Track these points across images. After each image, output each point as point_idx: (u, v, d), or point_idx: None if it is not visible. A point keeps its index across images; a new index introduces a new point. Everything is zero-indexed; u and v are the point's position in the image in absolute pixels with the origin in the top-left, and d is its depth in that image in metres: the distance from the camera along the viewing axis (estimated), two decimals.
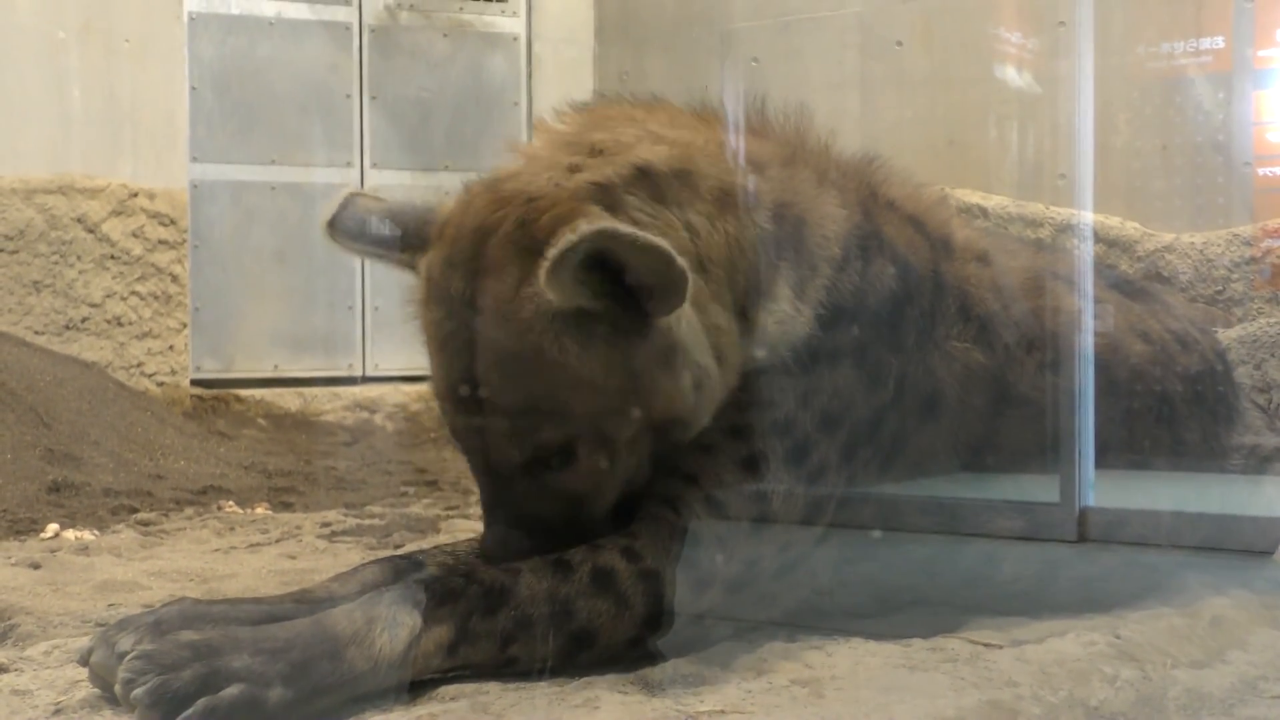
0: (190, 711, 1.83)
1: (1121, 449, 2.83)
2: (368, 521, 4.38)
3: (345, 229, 2.56)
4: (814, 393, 2.43)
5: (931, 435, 2.66)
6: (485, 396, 2.24)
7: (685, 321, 2.25)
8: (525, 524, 2.30)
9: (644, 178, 2.24)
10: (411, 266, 2.45)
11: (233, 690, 1.85)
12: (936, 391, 2.65)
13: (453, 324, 2.27)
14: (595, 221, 2.09)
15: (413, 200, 2.56)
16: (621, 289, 2.16)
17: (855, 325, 2.48)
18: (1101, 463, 2.53)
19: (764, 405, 2.40)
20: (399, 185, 7.35)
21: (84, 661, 2.09)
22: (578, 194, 2.21)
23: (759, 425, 2.39)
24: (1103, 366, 2.64)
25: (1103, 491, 2.52)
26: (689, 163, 2.33)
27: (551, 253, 2.06)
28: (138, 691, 1.84)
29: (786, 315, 2.41)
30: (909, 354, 2.60)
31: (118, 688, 1.89)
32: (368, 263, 7.49)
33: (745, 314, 2.38)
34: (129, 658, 1.89)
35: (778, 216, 2.42)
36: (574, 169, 2.29)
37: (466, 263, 2.25)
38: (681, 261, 2.11)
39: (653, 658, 2.19)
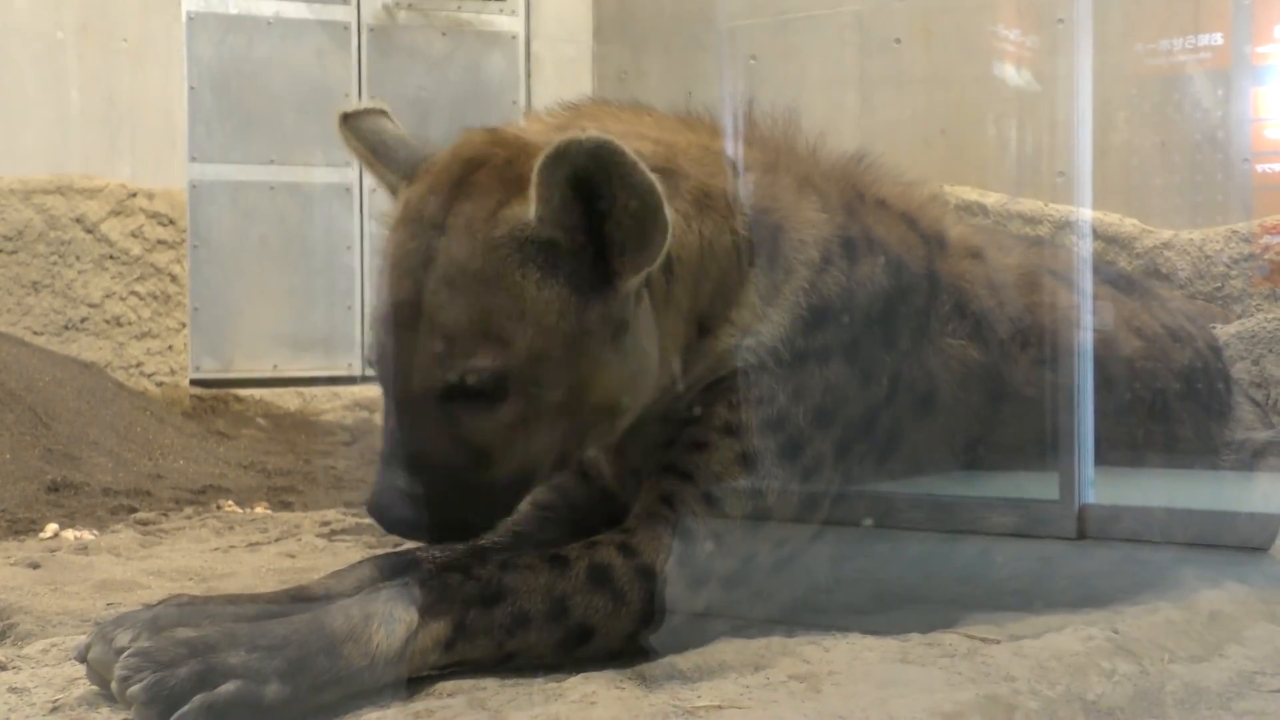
0: (187, 708, 1.82)
1: (1117, 445, 2.83)
2: (367, 520, 4.35)
3: (357, 127, 2.52)
4: (803, 390, 2.43)
5: (928, 432, 2.67)
6: (428, 312, 2.18)
7: (644, 306, 2.26)
8: (422, 471, 2.20)
9: None
10: (393, 190, 2.44)
11: (229, 687, 1.85)
12: (932, 388, 2.65)
13: (415, 243, 2.23)
14: (602, 133, 2.10)
15: (422, 141, 2.54)
16: (594, 244, 2.17)
17: (841, 324, 2.48)
18: (1097, 459, 2.53)
19: (755, 403, 2.40)
20: None
21: (81, 657, 2.09)
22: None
23: (751, 422, 2.39)
24: (1097, 362, 2.64)
25: (1101, 488, 2.52)
26: (671, 162, 2.35)
27: (553, 145, 2.07)
28: (134, 689, 1.84)
29: (747, 321, 2.41)
30: (902, 351, 2.60)
31: (114, 685, 1.89)
32: (369, 260, 7.51)
33: (704, 320, 2.39)
34: (125, 655, 1.89)
35: (755, 223, 2.43)
36: None
37: (448, 189, 2.25)
38: (668, 212, 2.13)
39: (650, 653, 2.19)
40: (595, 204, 2.13)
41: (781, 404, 2.41)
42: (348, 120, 2.53)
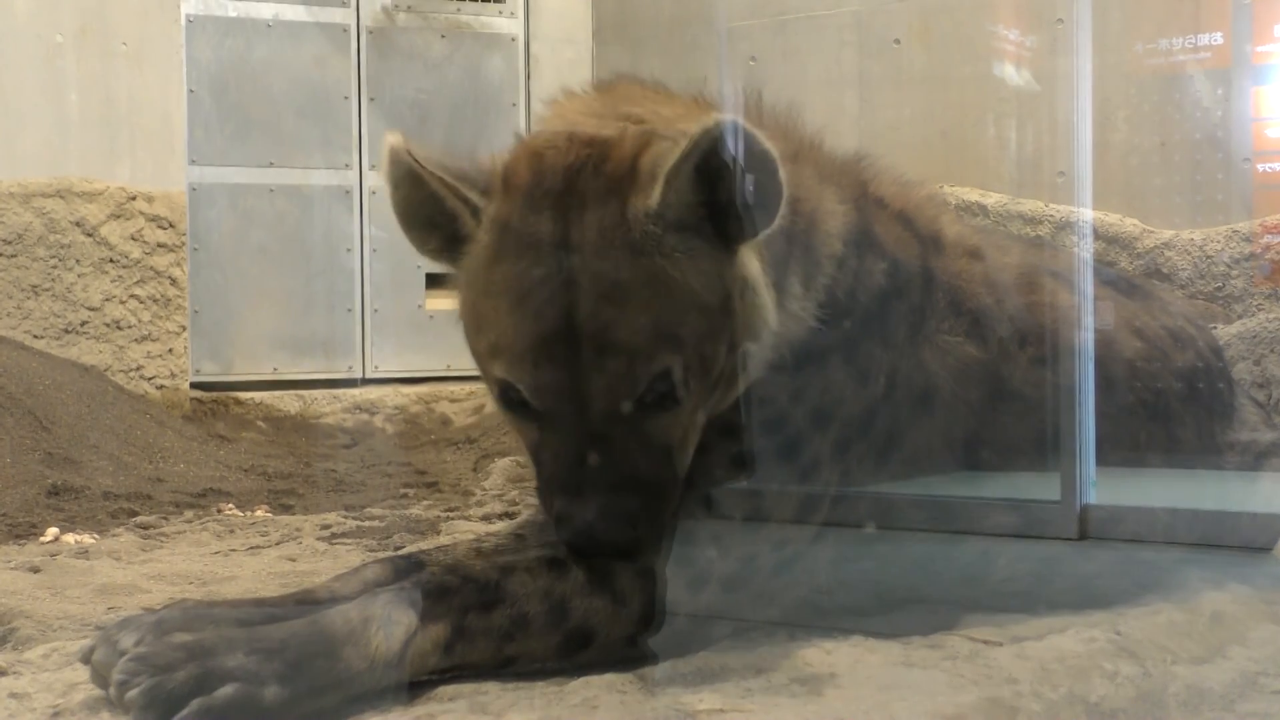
0: (185, 712, 1.82)
1: (1117, 446, 2.83)
2: (368, 524, 4.38)
3: (424, 158, 2.31)
4: (812, 390, 2.43)
5: (927, 430, 2.66)
6: (594, 334, 2.14)
7: (756, 260, 2.28)
8: (618, 487, 2.16)
9: None
10: (473, 210, 2.27)
11: (227, 690, 1.84)
12: (930, 386, 2.65)
13: (543, 269, 2.17)
14: (724, 115, 2.13)
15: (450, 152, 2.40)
16: (712, 212, 2.20)
17: (851, 321, 2.49)
18: (1098, 460, 2.53)
19: (762, 402, 2.40)
20: None
21: (85, 660, 2.08)
22: (648, 133, 2.25)
23: (757, 423, 2.39)
24: (1098, 363, 2.63)
25: (1102, 489, 2.52)
26: None
27: (689, 139, 2.10)
28: (132, 693, 1.84)
29: (796, 310, 2.42)
30: (901, 349, 2.60)
31: (112, 689, 1.88)
32: (369, 263, 7.52)
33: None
34: (123, 659, 1.89)
35: (793, 213, 2.41)
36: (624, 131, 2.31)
37: (556, 204, 2.19)
38: (783, 174, 2.15)
39: (651, 656, 2.18)
40: (716, 180, 2.16)
41: (789, 404, 2.43)
42: (414, 158, 2.29)
